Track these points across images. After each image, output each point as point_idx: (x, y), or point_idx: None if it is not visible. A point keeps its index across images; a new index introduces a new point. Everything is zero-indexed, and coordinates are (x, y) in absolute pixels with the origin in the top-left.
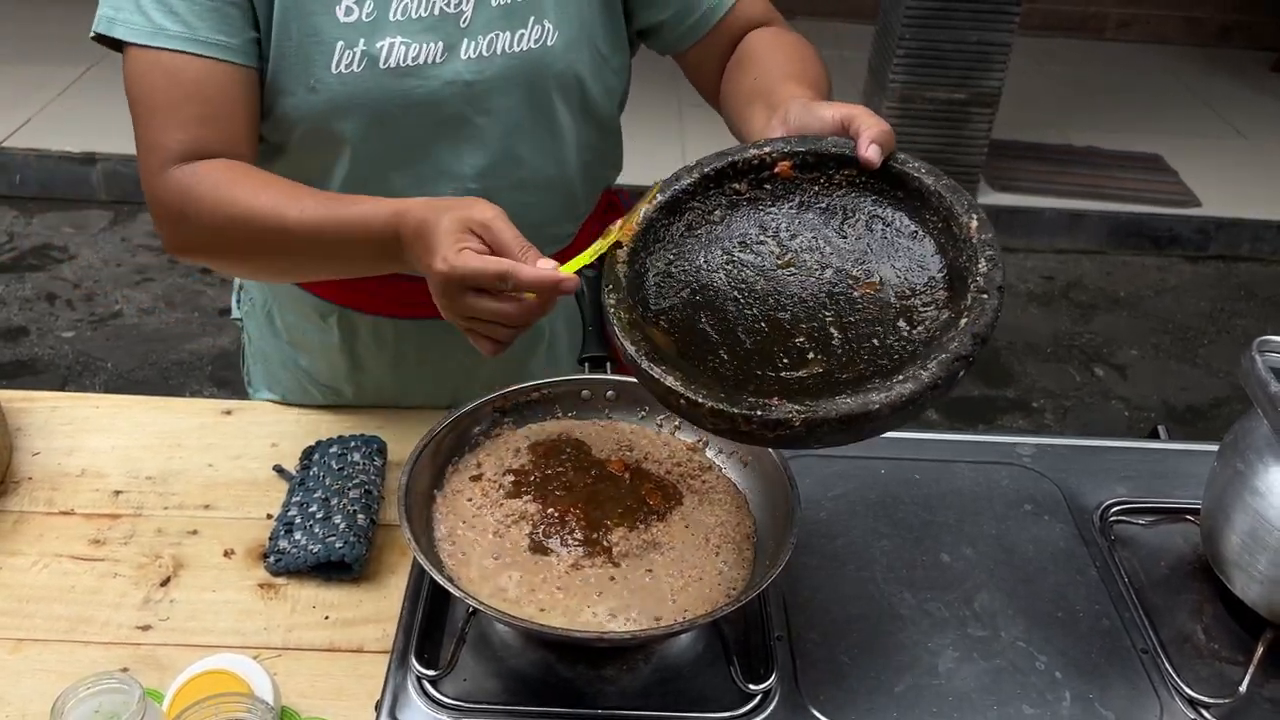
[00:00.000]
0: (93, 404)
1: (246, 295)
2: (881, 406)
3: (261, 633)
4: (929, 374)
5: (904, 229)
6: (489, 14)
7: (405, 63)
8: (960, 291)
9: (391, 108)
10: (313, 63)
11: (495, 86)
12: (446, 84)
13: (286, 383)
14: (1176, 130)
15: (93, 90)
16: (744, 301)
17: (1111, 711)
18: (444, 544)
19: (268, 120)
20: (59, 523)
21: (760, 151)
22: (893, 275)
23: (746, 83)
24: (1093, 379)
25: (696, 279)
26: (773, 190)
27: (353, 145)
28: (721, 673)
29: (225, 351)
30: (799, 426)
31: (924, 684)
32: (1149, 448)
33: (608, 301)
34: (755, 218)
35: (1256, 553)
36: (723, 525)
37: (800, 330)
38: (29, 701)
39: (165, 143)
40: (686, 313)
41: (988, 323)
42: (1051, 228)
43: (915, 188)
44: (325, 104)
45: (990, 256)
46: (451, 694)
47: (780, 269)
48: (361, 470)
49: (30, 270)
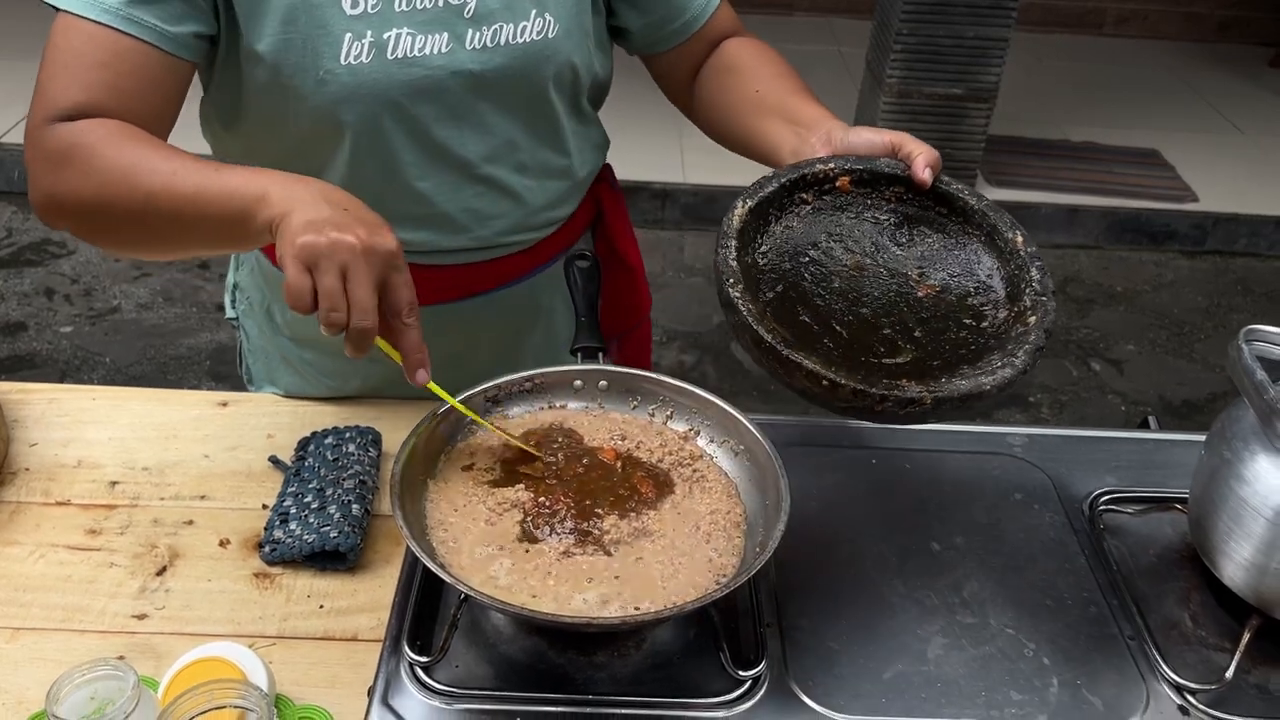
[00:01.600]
0: (90, 396)
1: (243, 295)
2: (991, 387)
3: (256, 622)
4: (1020, 361)
5: (950, 241)
6: (492, 5)
7: (412, 53)
8: (1016, 295)
9: (398, 96)
10: (321, 55)
11: (499, 76)
12: (453, 74)
13: (288, 377)
14: (1174, 125)
15: None
16: (829, 297)
17: (1098, 698)
18: (436, 532)
19: (272, 111)
20: (56, 513)
21: (826, 167)
22: (948, 280)
23: (749, 94)
24: (1089, 373)
25: (786, 277)
26: (833, 201)
27: (356, 133)
28: (712, 659)
29: (223, 346)
30: (929, 404)
31: (913, 670)
32: (1139, 438)
33: (734, 294)
34: (822, 225)
35: (1242, 540)
36: (714, 513)
37: (884, 323)
38: (26, 689)
39: (61, 98)
40: (787, 306)
41: (1052, 320)
42: (1049, 223)
43: (959, 206)
44: (333, 94)
45: (1040, 266)
46: (444, 680)
47: (852, 270)
48: (356, 461)
49: (29, 265)
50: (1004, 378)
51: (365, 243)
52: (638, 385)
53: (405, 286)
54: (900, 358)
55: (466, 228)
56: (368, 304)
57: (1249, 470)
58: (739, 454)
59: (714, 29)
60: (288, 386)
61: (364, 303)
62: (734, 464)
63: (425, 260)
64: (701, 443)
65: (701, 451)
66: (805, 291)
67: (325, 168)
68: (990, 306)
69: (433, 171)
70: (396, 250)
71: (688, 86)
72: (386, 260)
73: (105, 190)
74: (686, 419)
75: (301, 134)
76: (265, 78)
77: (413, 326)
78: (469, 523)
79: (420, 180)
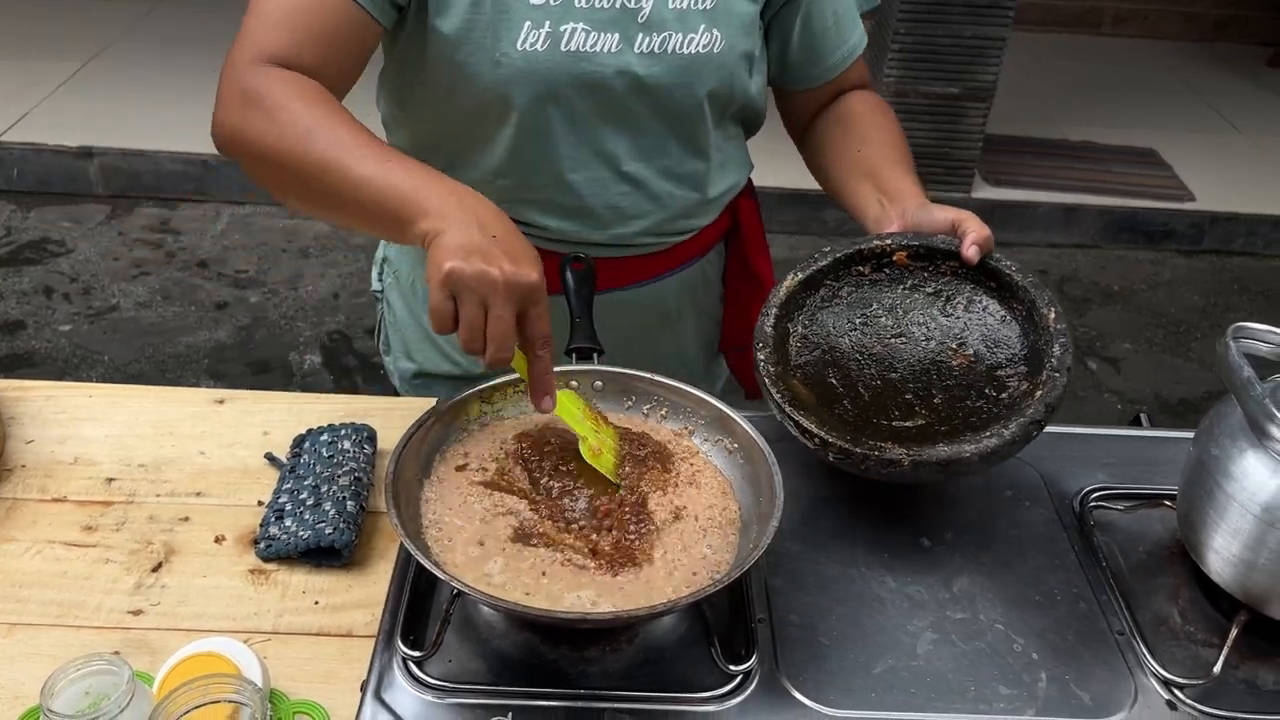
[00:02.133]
0: (86, 393)
1: (390, 268)
2: (972, 455)
3: (252, 617)
4: (1009, 432)
5: (994, 313)
6: (665, 14)
7: (584, 48)
8: (1037, 368)
9: (564, 87)
10: (500, 38)
11: (660, 82)
12: (618, 73)
13: (426, 351)
14: (1172, 125)
15: (89, 85)
16: (863, 362)
17: (1087, 692)
18: (430, 530)
19: (445, 87)
20: (52, 509)
21: (883, 243)
22: (984, 350)
23: (852, 153)
24: (1086, 372)
25: (827, 342)
26: (890, 274)
27: (522, 113)
28: (703, 654)
29: (222, 345)
30: (906, 466)
31: (903, 665)
32: (1130, 435)
33: (758, 357)
34: (875, 295)
35: (1229, 536)
36: (710, 509)
37: (908, 389)
38: (21, 685)
39: (268, 42)
40: (818, 369)
41: (1057, 396)
42: (1046, 222)
43: (1006, 281)
44: (506, 77)
45: (1063, 343)
46: (436, 675)
47: (893, 338)
48: (352, 458)
49: (27, 264)
50: (987, 447)
51: (508, 277)
52: (633, 385)
53: (540, 320)
54: (910, 422)
55: (607, 224)
56: (506, 338)
57: (1236, 467)
58: (733, 452)
59: (846, 79)
60: (423, 361)
61: (501, 337)
62: (728, 462)
63: (565, 250)
64: (696, 441)
65: (696, 449)
66: (842, 355)
67: (487, 147)
68: (1015, 379)
69: (584, 164)
70: (537, 285)
71: (805, 125)
72: (526, 295)
73: (283, 144)
74: (681, 418)
75: (470, 112)
76: (444, 54)
77: (542, 358)
78: (463, 522)
79: (572, 171)
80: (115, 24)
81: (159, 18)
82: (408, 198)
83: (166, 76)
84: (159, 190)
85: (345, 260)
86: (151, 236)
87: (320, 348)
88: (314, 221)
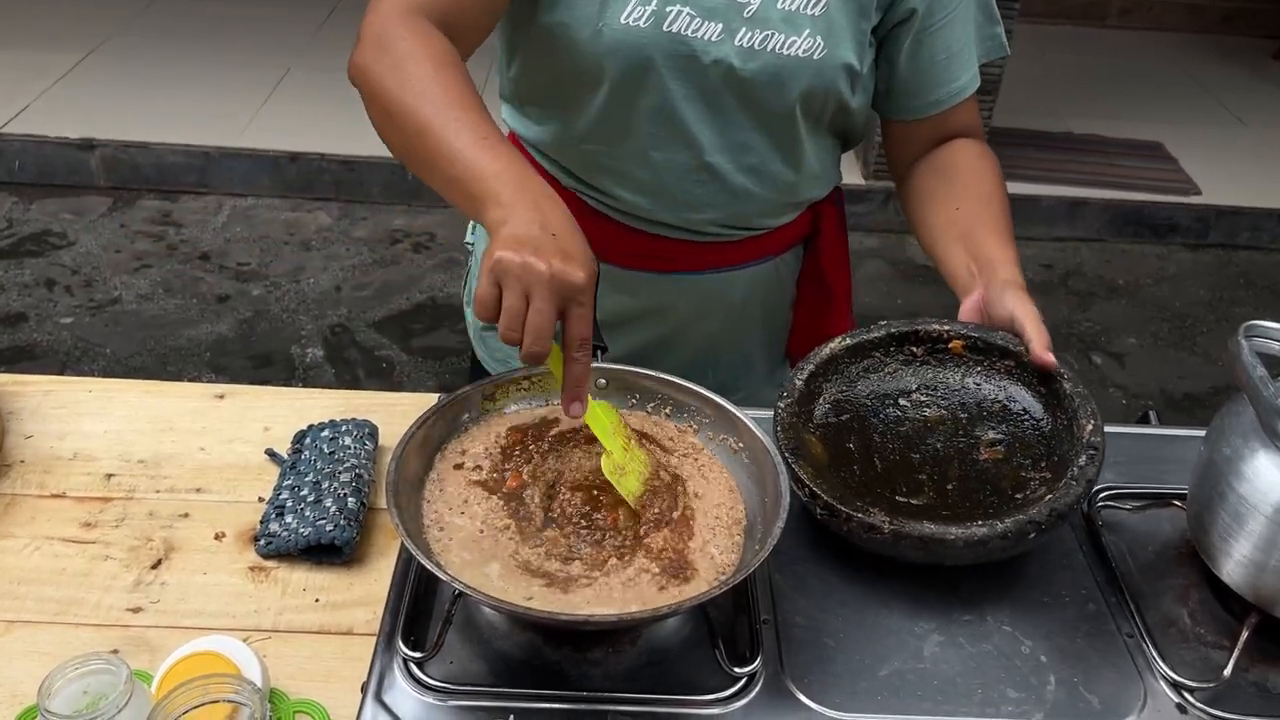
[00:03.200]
0: (85, 388)
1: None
2: (956, 538)
3: (252, 615)
4: (1002, 526)
5: (1036, 417)
6: (771, 13)
7: (685, 32)
8: (1060, 474)
9: (660, 66)
10: (607, 9)
11: (755, 78)
12: (714, 62)
13: None
14: (1177, 118)
15: (91, 77)
16: (889, 436)
17: (1095, 695)
18: (431, 530)
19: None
20: (51, 505)
21: (942, 328)
22: (1014, 452)
23: (948, 209)
24: (1091, 367)
25: (858, 410)
26: (942, 360)
27: (613, 86)
28: (707, 656)
29: (223, 338)
30: (887, 534)
31: (909, 668)
32: (1139, 433)
33: (779, 403)
34: (920, 377)
35: (1240, 537)
36: (717, 508)
37: (925, 470)
38: (19, 683)
39: None
40: (840, 433)
41: (1067, 504)
42: (1051, 215)
43: (1056, 389)
44: (606, 46)
45: (1091, 455)
46: (437, 676)
47: (928, 421)
48: (353, 454)
49: (29, 256)
50: (974, 535)
51: (554, 271)
52: (637, 383)
53: (581, 321)
54: (914, 499)
55: (681, 207)
56: (544, 331)
57: (1248, 467)
58: (738, 451)
59: (952, 121)
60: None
61: (540, 329)
62: (733, 461)
63: (633, 224)
64: (700, 440)
65: (701, 445)
66: (868, 426)
67: (578, 109)
68: (1037, 482)
69: (665, 144)
70: (583, 285)
71: (906, 166)
72: (570, 292)
73: (397, 97)
74: (685, 416)
75: (566, 74)
76: (551, 19)
77: (578, 361)
78: (464, 520)
79: (653, 149)
80: (117, 16)
81: (161, 9)
82: (487, 183)
83: (168, 68)
84: (160, 182)
85: (347, 253)
86: (153, 229)
87: (322, 341)
88: (316, 214)
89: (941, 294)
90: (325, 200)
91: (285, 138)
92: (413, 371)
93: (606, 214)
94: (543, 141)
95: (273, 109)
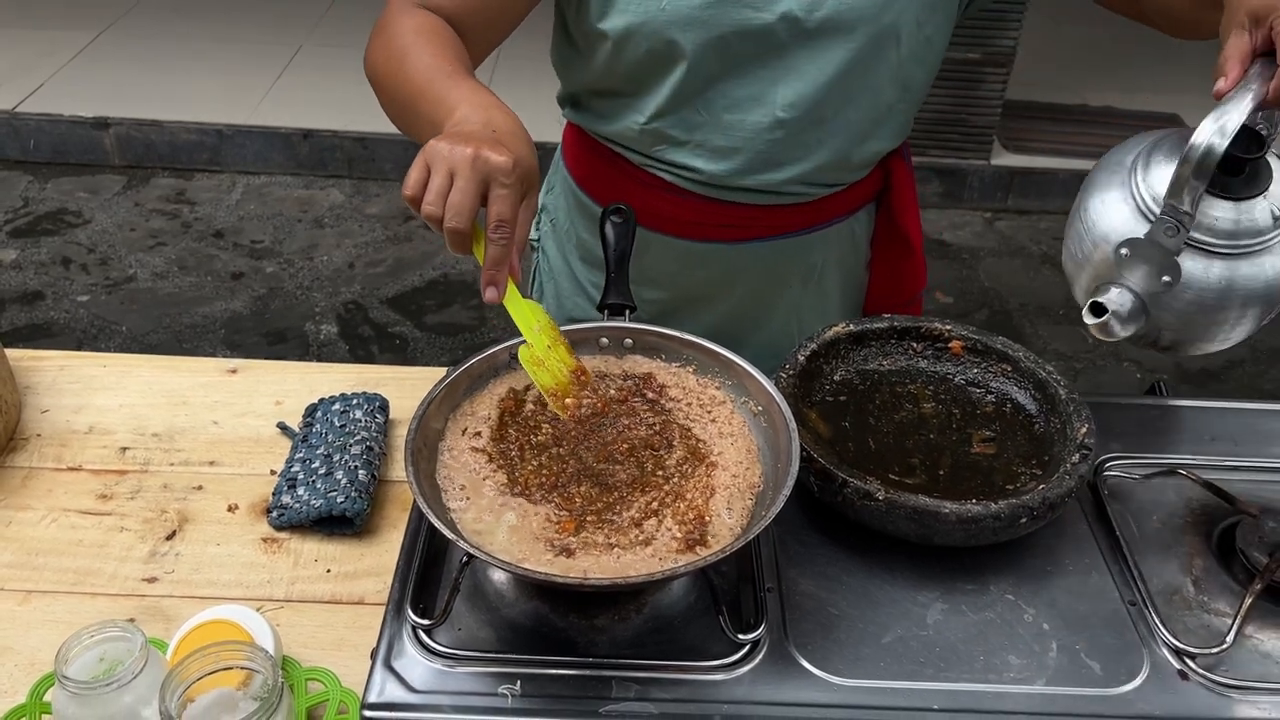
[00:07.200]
0: (100, 363)
1: (547, 216)
2: (949, 514)
3: (264, 585)
4: (996, 507)
5: (1032, 420)
6: None
7: None
8: (1051, 470)
9: (726, 31)
10: None
11: (822, 27)
12: (780, 17)
13: (576, 302)
14: (1195, 89)
15: (105, 55)
16: (882, 423)
17: (1097, 662)
18: (446, 494)
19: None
20: (67, 478)
21: (944, 328)
22: (1005, 449)
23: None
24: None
25: (855, 393)
26: (941, 358)
27: (689, 58)
28: (712, 623)
29: (238, 315)
30: (881, 501)
31: (912, 635)
32: (1145, 404)
33: (779, 375)
34: (921, 372)
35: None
36: (733, 468)
37: (917, 455)
38: (37, 651)
39: None
40: (836, 410)
41: (1059, 495)
42: (1066, 189)
43: (1051, 394)
44: (669, 17)
45: (1084, 454)
46: (446, 643)
47: (922, 414)
48: (363, 427)
49: (45, 235)
50: (967, 512)
51: (478, 151)
52: (663, 344)
53: (501, 201)
54: (906, 479)
55: (756, 169)
56: (461, 207)
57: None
58: (757, 414)
59: None
60: (573, 309)
61: (457, 205)
62: (753, 424)
63: (711, 193)
64: (721, 393)
65: (723, 399)
66: (865, 410)
67: (652, 92)
68: (1027, 477)
69: (740, 105)
70: (505, 166)
71: None
72: (492, 172)
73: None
74: (708, 377)
75: (639, 56)
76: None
77: (495, 243)
78: (479, 480)
79: (727, 111)
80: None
81: None
82: (447, 105)
83: (181, 46)
84: (174, 160)
85: (360, 230)
86: (168, 207)
87: (336, 318)
88: (329, 191)
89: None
90: (338, 177)
91: (298, 115)
92: (425, 348)
93: (685, 188)
94: (614, 131)
95: (285, 86)
